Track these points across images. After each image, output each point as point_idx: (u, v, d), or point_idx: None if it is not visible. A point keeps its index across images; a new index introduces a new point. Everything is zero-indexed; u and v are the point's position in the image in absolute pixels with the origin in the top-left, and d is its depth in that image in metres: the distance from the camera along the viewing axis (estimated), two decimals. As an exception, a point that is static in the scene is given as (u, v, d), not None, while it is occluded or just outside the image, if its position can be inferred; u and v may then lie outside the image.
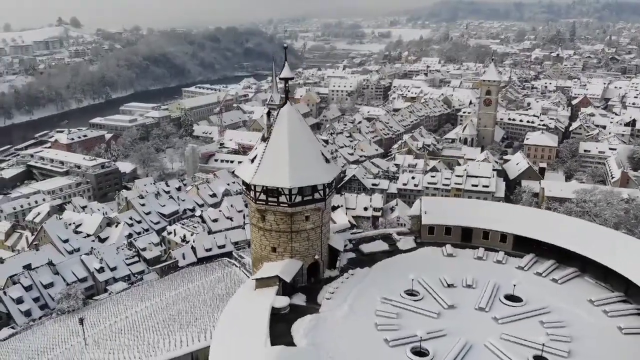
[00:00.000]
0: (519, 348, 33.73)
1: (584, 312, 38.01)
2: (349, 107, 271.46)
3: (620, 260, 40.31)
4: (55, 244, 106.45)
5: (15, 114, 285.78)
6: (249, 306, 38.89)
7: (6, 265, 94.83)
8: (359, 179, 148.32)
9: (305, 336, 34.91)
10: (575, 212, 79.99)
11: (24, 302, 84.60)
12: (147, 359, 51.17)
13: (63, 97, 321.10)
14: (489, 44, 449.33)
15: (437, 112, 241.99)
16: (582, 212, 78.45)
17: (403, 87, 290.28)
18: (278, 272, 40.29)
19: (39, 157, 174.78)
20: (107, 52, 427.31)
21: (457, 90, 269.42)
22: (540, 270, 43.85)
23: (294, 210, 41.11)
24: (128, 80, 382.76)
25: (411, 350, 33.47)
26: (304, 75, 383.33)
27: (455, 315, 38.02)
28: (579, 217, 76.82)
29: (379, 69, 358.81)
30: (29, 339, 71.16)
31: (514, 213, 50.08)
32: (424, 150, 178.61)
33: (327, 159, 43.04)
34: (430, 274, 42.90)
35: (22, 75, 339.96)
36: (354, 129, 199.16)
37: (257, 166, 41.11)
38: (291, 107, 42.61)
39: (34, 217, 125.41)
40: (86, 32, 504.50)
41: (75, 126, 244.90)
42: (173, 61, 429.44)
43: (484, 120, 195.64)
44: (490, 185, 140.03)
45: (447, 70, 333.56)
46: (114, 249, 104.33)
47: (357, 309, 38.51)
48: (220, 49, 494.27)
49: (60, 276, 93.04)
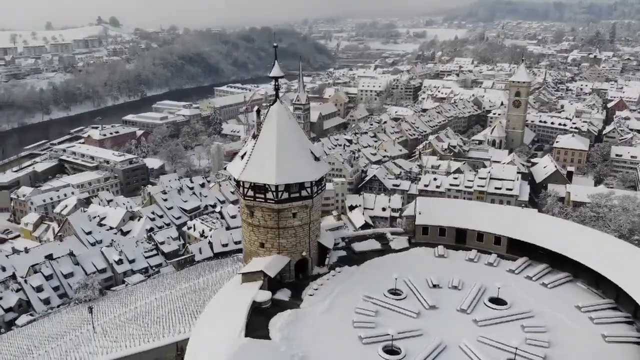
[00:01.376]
0: (493, 351, 33.36)
1: (568, 318, 37.21)
2: (377, 107, 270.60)
3: (613, 267, 39.29)
4: (79, 236, 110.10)
5: (53, 110, 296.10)
6: (232, 299, 39.66)
7: (30, 254, 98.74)
8: (379, 179, 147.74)
9: (280, 330, 35.42)
10: (589, 217, 77.79)
11: (44, 291, 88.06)
12: (135, 347, 52.75)
13: (100, 94, 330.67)
14: (526, 44, 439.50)
15: (467, 113, 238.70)
16: (597, 218, 76.13)
17: (433, 87, 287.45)
18: (262, 267, 40.95)
19: (70, 152, 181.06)
20: (144, 51, 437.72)
21: (489, 92, 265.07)
22: (531, 274, 43.10)
23: (280, 206, 41.67)
24: (163, 79, 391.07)
25: (383, 349, 33.54)
26: (334, 75, 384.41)
27: (435, 315, 37.83)
28: (593, 222, 74.72)
29: (410, 69, 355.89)
30: (44, 326, 74.09)
31: (510, 215, 49.29)
32: (449, 152, 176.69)
33: (316, 157, 43.41)
34: (418, 274, 42.76)
35: (61, 73, 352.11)
36: (379, 129, 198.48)
37: (245, 163, 41.87)
38: (281, 106, 43.20)
39: (62, 210, 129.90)
40: (124, 32, 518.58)
41: (109, 123, 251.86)
42: (207, 60, 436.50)
43: (513, 122, 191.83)
44: (514, 189, 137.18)
45: (480, 71, 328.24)
46: (134, 242, 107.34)
47: (337, 306, 38.77)
48: (254, 48, 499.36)
49: (80, 267, 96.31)
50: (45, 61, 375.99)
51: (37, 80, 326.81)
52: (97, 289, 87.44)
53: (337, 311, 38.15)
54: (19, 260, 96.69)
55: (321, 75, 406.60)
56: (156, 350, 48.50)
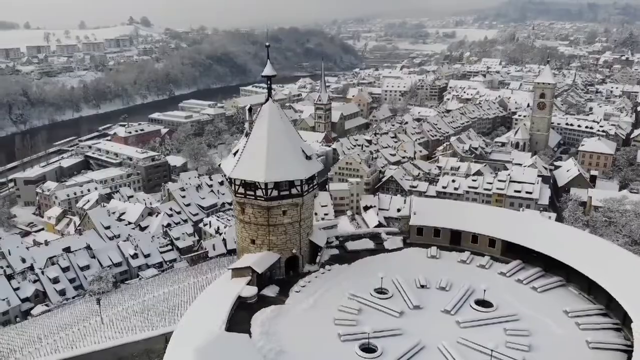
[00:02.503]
0: (470, 353, 33.19)
1: (554, 323, 36.65)
2: (401, 108, 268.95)
3: (605, 273, 38.52)
4: (98, 230, 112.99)
5: (84, 108, 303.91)
6: (219, 294, 40.37)
7: (50, 247, 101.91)
8: (396, 180, 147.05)
9: (261, 325, 35.97)
10: (600, 222, 75.85)
11: (60, 282, 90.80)
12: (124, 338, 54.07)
13: (129, 92, 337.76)
14: (557, 45, 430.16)
15: (492, 114, 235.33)
16: (608, 223, 74.12)
17: (459, 88, 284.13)
18: (250, 263, 41.58)
19: (96, 148, 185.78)
20: (173, 50, 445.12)
21: (516, 93, 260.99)
22: (522, 277, 42.58)
23: (270, 204, 42.24)
24: (191, 78, 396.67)
25: (360, 346, 33.72)
26: (360, 76, 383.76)
27: (418, 315, 37.79)
28: (605, 227, 72.88)
29: (436, 69, 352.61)
30: (57, 316, 76.44)
31: (507, 218, 48.81)
32: (470, 154, 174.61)
33: (308, 155, 43.80)
34: (407, 274, 42.73)
35: (92, 71, 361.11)
36: (400, 129, 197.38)
37: (237, 160, 42.58)
38: (272, 104, 43.76)
39: (84, 204, 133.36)
40: (155, 32, 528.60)
41: (136, 121, 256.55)
42: (235, 60, 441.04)
43: (538, 124, 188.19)
44: (533, 192, 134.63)
45: (508, 71, 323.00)
46: (149, 237, 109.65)
47: (321, 303, 39.11)
48: (282, 49, 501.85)
49: (96, 260, 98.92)
50: (77, 60, 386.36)
51: (68, 78, 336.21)
52: (111, 282, 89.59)
53: (320, 308, 38.48)
54: (38, 252, 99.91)
55: (347, 75, 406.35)
56: (145, 341, 49.72)
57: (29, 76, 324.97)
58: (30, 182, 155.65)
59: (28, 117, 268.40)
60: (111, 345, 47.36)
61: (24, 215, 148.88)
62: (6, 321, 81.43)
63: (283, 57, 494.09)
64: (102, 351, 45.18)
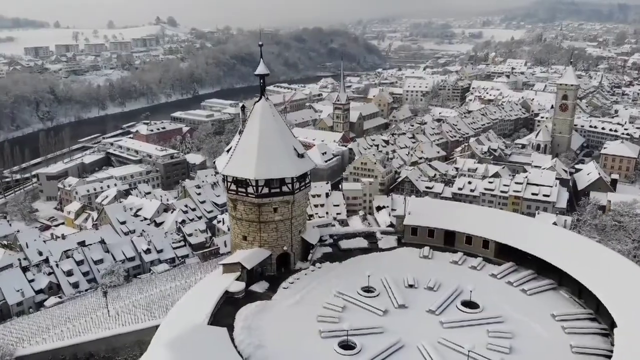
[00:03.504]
0: (449, 353, 33.11)
1: (539, 326, 36.24)
2: (422, 108, 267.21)
3: (596, 277, 37.91)
4: (114, 225, 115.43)
5: (109, 106, 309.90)
6: (208, 288, 41.10)
7: (66, 241, 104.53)
8: (411, 180, 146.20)
9: (245, 319, 36.52)
10: (609, 226, 74.17)
11: (73, 275, 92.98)
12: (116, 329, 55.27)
13: (154, 91, 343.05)
14: (585, 46, 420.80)
15: (514, 115, 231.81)
16: (618, 227, 72.41)
17: (482, 88, 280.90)
18: (240, 259, 42.18)
19: (117, 145, 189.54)
20: (198, 50, 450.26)
21: (540, 94, 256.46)
22: (513, 279, 42.17)
23: (261, 201, 42.77)
24: (215, 78, 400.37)
25: (339, 343, 33.92)
26: (382, 76, 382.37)
27: (402, 314, 37.82)
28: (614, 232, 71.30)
29: (459, 69, 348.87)
30: (68, 308, 78.40)
31: (502, 220, 48.32)
32: (488, 155, 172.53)
33: (300, 154, 44.15)
34: (397, 273, 42.76)
35: (119, 70, 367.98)
36: (418, 130, 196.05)
37: (229, 158, 43.25)
38: (265, 103, 44.28)
39: (102, 200, 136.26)
40: (181, 31, 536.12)
41: (160, 119, 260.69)
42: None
43: (559, 126, 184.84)
44: (551, 195, 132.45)
45: (533, 72, 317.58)
46: (163, 232, 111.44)
47: (307, 300, 39.46)
48: (305, 49, 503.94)
49: (110, 254, 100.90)
50: (105, 58, 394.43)
51: (95, 77, 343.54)
52: (122, 276, 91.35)
53: (305, 305, 38.83)
54: (55, 245, 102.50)
55: (370, 75, 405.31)
56: (137, 332, 50.83)
57: (57, 74, 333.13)
58: (52, 178, 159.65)
59: (55, 114, 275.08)
60: (105, 336, 48.63)
61: (45, 209, 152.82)
62: (20, 312, 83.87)
63: (306, 57, 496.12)
64: (97, 341, 46.46)
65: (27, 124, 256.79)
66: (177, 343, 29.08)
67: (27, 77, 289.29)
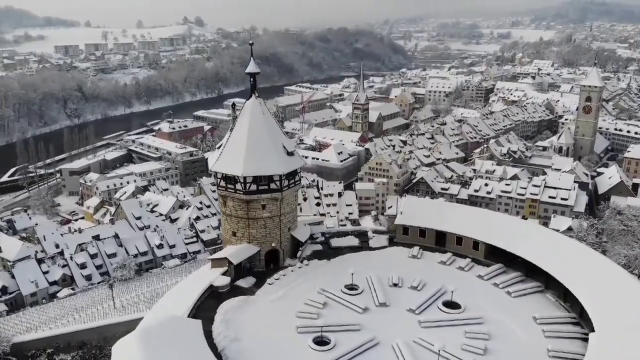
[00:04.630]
0: (421, 352, 33.13)
1: (519, 328, 35.93)
2: (444, 109, 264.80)
3: (582, 281, 37.37)
4: (129, 220, 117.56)
5: (135, 104, 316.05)
6: (195, 282, 41.91)
7: (82, 234, 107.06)
8: (426, 181, 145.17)
9: (224, 313, 37.22)
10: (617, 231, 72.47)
11: (87, 268, 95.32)
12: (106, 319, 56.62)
13: (179, 90, 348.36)
14: (615, 47, 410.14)
15: (537, 117, 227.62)
16: (625, 232, 70.63)
17: (506, 89, 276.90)
18: (227, 254, 42.93)
19: (138, 142, 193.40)
20: (224, 50, 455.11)
21: (565, 96, 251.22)
22: (499, 281, 41.86)
23: (249, 198, 43.41)
24: (240, 77, 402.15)
25: (313, 339, 34.28)
26: (406, 76, 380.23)
27: (382, 312, 37.95)
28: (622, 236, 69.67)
29: (484, 70, 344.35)
30: (78, 300, 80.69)
31: (494, 221, 47.87)
32: (508, 157, 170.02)
33: (289, 152, 44.63)
34: (383, 272, 42.89)
35: (146, 69, 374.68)
36: (437, 130, 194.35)
37: (219, 155, 44.04)
38: (255, 101, 44.94)
39: (121, 196, 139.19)
40: (208, 31, 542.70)
41: (183, 117, 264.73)
42: (283, 60, 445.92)
43: (583, 128, 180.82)
44: (569, 199, 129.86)
45: (559, 74, 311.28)
46: (176, 228, 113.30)
47: (290, 296, 39.91)
48: (329, 49, 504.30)
49: (123, 248, 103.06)
50: (132, 57, 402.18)
51: (122, 75, 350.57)
52: (133, 270, 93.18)
53: (287, 301, 39.29)
54: (71, 239, 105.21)
55: (394, 75, 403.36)
56: (128, 323, 51.99)
57: (85, 72, 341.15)
58: (75, 173, 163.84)
59: (82, 111, 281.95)
60: (97, 325, 50.06)
61: (67, 204, 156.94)
62: (34, 302, 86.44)
63: (331, 57, 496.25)
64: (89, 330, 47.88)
65: (54, 120, 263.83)
66: (148, 333, 29.90)
67: (56, 75, 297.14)
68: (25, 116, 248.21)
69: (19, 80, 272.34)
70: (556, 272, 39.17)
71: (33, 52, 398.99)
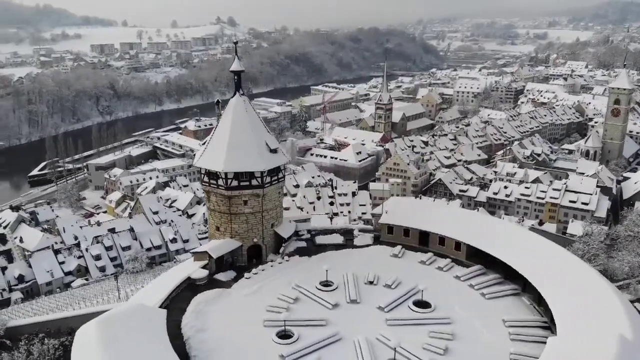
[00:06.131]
0: (380, 349, 33.35)
1: (485, 330, 35.66)
2: (472, 110, 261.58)
3: (555, 286, 36.78)
4: (146, 215, 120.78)
5: (166, 102, 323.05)
6: (175, 274, 43.15)
7: (100, 227, 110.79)
8: (444, 183, 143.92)
9: (196, 305, 38.22)
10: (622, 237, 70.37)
11: (101, 260, 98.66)
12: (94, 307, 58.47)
13: (208, 89, 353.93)
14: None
15: (566, 120, 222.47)
16: (632, 238, 68.44)
17: (536, 91, 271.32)
18: (207, 248, 44.01)
19: (163, 140, 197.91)
20: (255, 50, 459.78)
21: (597, 98, 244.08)
22: (475, 282, 41.58)
23: (230, 193, 44.38)
24: (269, 77, 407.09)
25: (277, 332, 34.93)
26: (436, 76, 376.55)
27: (351, 309, 38.30)
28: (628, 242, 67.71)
29: (515, 71, 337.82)
30: (89, 290, 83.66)
31: (478, 222, 47.54)
32: (531, 160, 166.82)
33: (272, 149, 45.34)
34: (361, 270, 43.15)
35: (177, 68, 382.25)
36: (461, 131, 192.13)
37: (203, 151, 45.17)
38: (239, 99, 45.86)
39: (142, 191, 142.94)
40: (240, 31, 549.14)
41: (210, 116, 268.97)
42: (312, 60, 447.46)
43: (611, 132, 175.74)
44: (590, 203, 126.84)
45: (593, 76, 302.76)
46: (190, 223, 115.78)
47: (264, 291, 40.64)
48: (360, 49, 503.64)
49: (138, 241, 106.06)
50: (165, 57, 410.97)
51: (154, 74, 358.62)
52: (145, 263, 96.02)
53: (260, 295, 40.04)
54: (90, 231, 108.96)
55: (423, 75, 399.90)
56: None
57: (119, 71, 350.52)
58: (100, 168, 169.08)
59: (114, 108, 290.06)
60: (85, 312, 51.84)
61: (93, 197, 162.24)
62: (49, 291, 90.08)
63: (361, 57, 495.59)
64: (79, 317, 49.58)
65: (87, 117, 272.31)
66: (109, 319, 31.13)
67: (90, 73, 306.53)
68: (58, 112, 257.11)
69: (54, 77, 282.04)
70: (531, 275, 38.69)
71: (70, 50, 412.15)
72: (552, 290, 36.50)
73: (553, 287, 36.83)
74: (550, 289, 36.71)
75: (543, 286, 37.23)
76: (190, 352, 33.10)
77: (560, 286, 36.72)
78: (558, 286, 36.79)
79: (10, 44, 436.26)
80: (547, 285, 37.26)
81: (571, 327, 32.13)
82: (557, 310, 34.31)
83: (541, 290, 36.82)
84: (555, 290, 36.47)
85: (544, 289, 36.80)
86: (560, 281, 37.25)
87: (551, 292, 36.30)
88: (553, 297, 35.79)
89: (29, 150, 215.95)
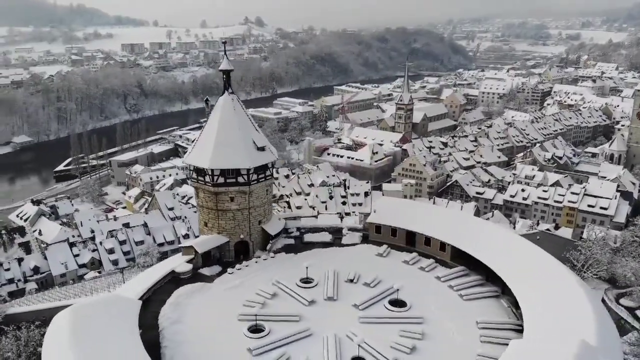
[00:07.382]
0: (347, 345, 33.72)
1: (457, 331, 35.62)
2: (497, 111, 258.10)
3: (532, 290, 36.47)
4: (162, 211, 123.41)
5: (192, 101, 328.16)
6: (162, 268, 44.39)
7: (116, 222, 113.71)
8: (461, 185, 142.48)
9: (176, 297, 39.30)
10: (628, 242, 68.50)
11: (114, 253, 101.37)
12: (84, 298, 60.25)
13: (234, 88, 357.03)
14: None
15: (592, 122, 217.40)
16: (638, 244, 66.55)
17: (564, 93, 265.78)
18: (193, 243, 45.12)
19: (185, 137, 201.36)
20: (281, 50, 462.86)
21: (627, 101, 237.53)
22: (455, 283, 41.50)
23: (217, 190, 45.37)
24: (294, 77, 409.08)
25: (249, 327, 35.66)
26: (462, 76, 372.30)
27: (326, 306, 38.74)
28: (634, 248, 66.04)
29: (543, 72, 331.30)
30: (99, 282, 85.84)
31: (464, 224, 47.33)
32: (552, 163, 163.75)
33: (259, 147, 46.12)
34: (344, 268, 43.52)
35: (204, 67, 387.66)
36: (482, 133, 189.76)
37: (191, 148, 46.32)
38: (227, 98, 46.95)
39: (160, 187, 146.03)
40: (267, 31, 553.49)
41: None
42: (338, 60, 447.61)
43: (637, 135, 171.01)
44: (609, 208, 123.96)
45: (623, 78, 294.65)
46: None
47: (244, 286, 41.41)
48: (387, 49, 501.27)
49: (151, 236, 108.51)
50: (193, 56, 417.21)
51: (181, 73, 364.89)
52: (156, 257, 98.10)
53: (240, 290, 40.85)
54: (106, 225, 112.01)
55: (450, 75, 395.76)
56: None
57: (147, 70, 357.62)
58: (123, 165, 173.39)
59: (141, 107, 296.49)
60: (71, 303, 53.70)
61: (114, 193, 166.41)
62: (63, 282, 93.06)
63: (387, 57, 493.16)
64: (70, 306, 51.41)
65: (114, 115, 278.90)
66: (82, 308, 32.40)
67: (119, 72, 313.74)
68: (87, 110, 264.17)
69: (83, 75, 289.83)
70: (509, 278, 38.48)
71: (101, 49, 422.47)
72: (527, 294, 36.26)
73: (528, 291, 36.57)
74: (525, 293, 36.47)
75: (519, 289, 37.01)
76: (163, 343, 34.13)
77: (535, 290, 36.42)
78: (534, 290, 36.50)
79: (44, 43, 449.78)
80: (523, 288, 37.02)
81: (538, 330, 31.94)
82: (527, 313, 34.13)
83: (516, 293, 36.62)
84: (530, 293, 36.21)
85: (519, 292, 36.58)
86: (536, 285, 36.92)
87: (525, 296, 36.07)
88: (526, 300, 35.57)
89: (56, 147, 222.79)
